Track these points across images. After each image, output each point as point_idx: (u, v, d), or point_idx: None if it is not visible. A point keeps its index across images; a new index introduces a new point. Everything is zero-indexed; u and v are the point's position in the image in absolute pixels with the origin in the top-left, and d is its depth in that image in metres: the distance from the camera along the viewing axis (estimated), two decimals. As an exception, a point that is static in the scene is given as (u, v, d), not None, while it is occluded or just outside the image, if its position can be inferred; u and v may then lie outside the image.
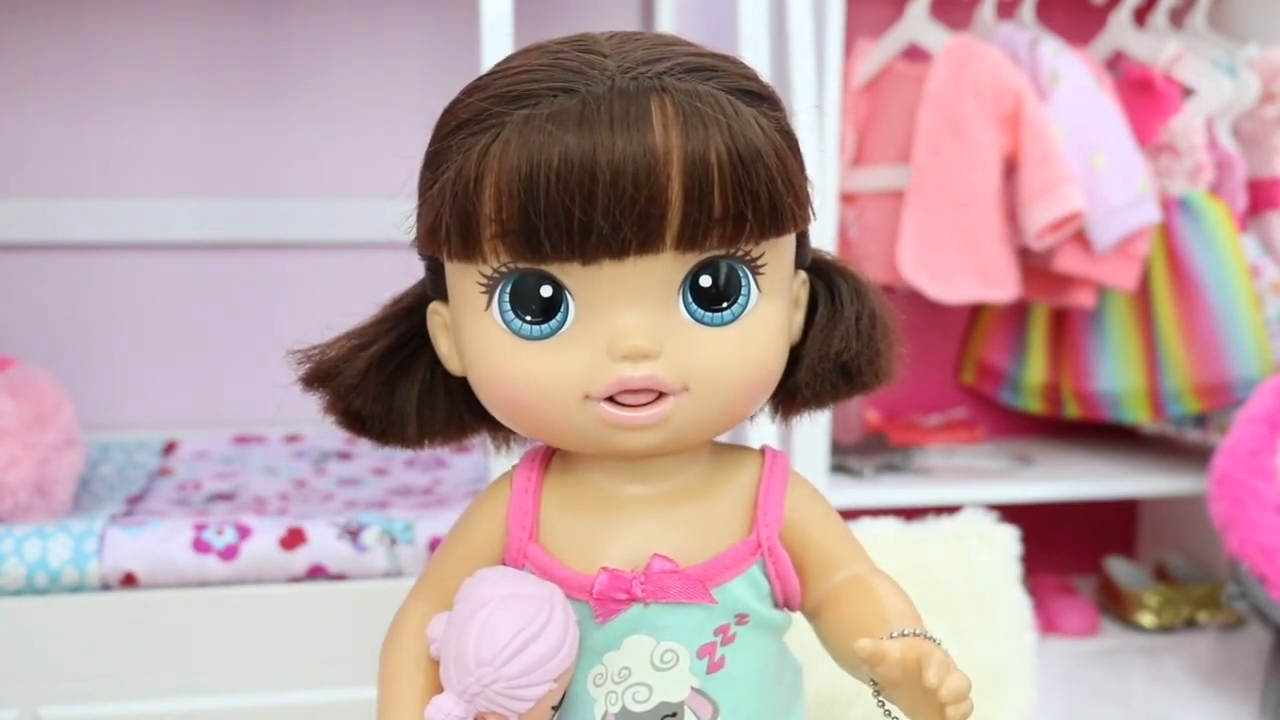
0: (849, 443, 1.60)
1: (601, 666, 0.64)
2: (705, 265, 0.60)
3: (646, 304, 0.59)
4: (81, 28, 1.71)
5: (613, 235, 0.56)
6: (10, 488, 1.23)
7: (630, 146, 0.56)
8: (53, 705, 1.19)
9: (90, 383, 1.71)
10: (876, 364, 0.67)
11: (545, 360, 0.60)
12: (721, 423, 0.63)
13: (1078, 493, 1.58)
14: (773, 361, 0.63)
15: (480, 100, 0.59)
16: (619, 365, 0.59)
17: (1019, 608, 1.19)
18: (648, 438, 0.61)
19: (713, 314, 0.60)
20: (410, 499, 1.44)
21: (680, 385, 0.60)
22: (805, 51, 1.33)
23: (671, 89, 0.57)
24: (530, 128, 0.56)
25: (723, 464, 0.68)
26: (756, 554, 0.65)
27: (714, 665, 0.64)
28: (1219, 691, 1.48)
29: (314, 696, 1.21)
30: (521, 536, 0.66)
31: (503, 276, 0.60)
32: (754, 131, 0.58)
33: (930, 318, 1.73)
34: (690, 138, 0.56)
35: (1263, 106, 1.56)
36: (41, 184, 1.73)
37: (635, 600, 0.63)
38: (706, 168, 0.56)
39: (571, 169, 0.55)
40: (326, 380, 0.67)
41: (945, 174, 1.48)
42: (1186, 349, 1.54)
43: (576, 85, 0.57)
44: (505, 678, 0.58)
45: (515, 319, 0.60)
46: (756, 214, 0.58)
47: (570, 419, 0.61)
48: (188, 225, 1.75)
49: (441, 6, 1.76)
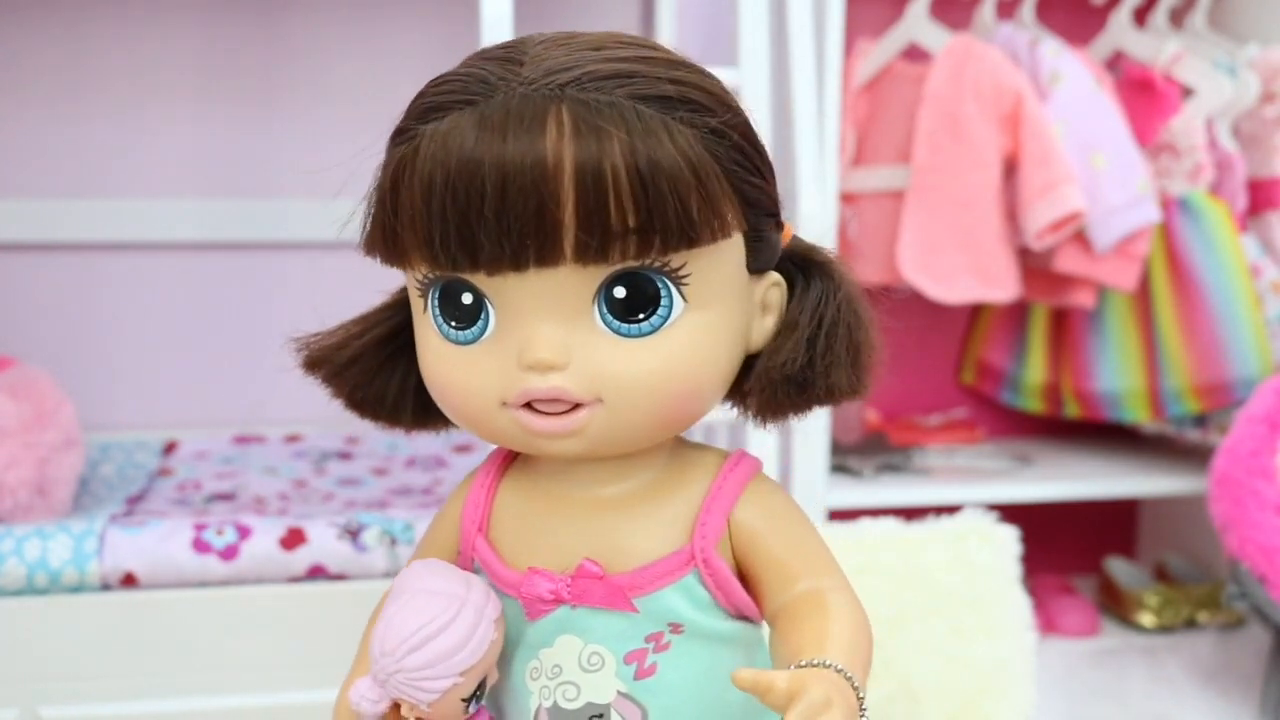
0: (849, 443, 1.60)
1: (537, 661, 0.65)
2: (620, 276, 0.59)
3: (558, 315, 0.59)
4: (82, 29, 1.71)
5: (503, 248, 0.56)
6: (10, 488, 1.23)
7: (519, 156, 0.55)
8: (53, 705, 1.19)
9: (90, 383, 1.71)
10: (830, 377, 0.64)
11: (468, 365, 0.61)
12: (645, 433, 0.62)
13: (1078, 493, 1.58)
14: (703, 373, 0.62)
15: (409, 111, 0.61)
16: (527, 376, 0.59)
17: (1019, 608, 1.19)
18: (567, 445, 0.61)
19: (629, 325, 0.59)
20: (410, 499, 1.44)
21: (591, 396, 0.60)
22: (805, 51, 1.33)
23: (571, 99, 0.57)
24: (433, 142, 0.57)
25: (682, 467, 0.67)
26: (690, 564, 0.64)
27: (643, 671, 0.64)
28: (1219, 691, 1.48)
29: (314, 696, 1.21)
30: (471, 529, 0.68)
31: (431, 282, 0.61)
32: (659, 143, 0.56)
33: (930, 318, 1.73)
34: (582, 149, 0.55)
35: (1263, 106, 1.56)
36: (41, 184, 1.73)
37: (562, 602, 0.64)
38: (600, 180, 0.55)
39: (462, 179, 0.56)
40: (322, 365, 0.69)
41: (945, 174, 1.48)
42: (1186, 349, 1.54)
43: (478, 98, 0.58)
44: (406, 669, 0.60)
45: (444, 323, 0.61)
46: (663, 228, 0.57)
47: (494, 423, 0.62)
48: (188, 226, 1.75)
49: (441, 6, 1.76)
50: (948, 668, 1.14)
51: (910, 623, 1.15)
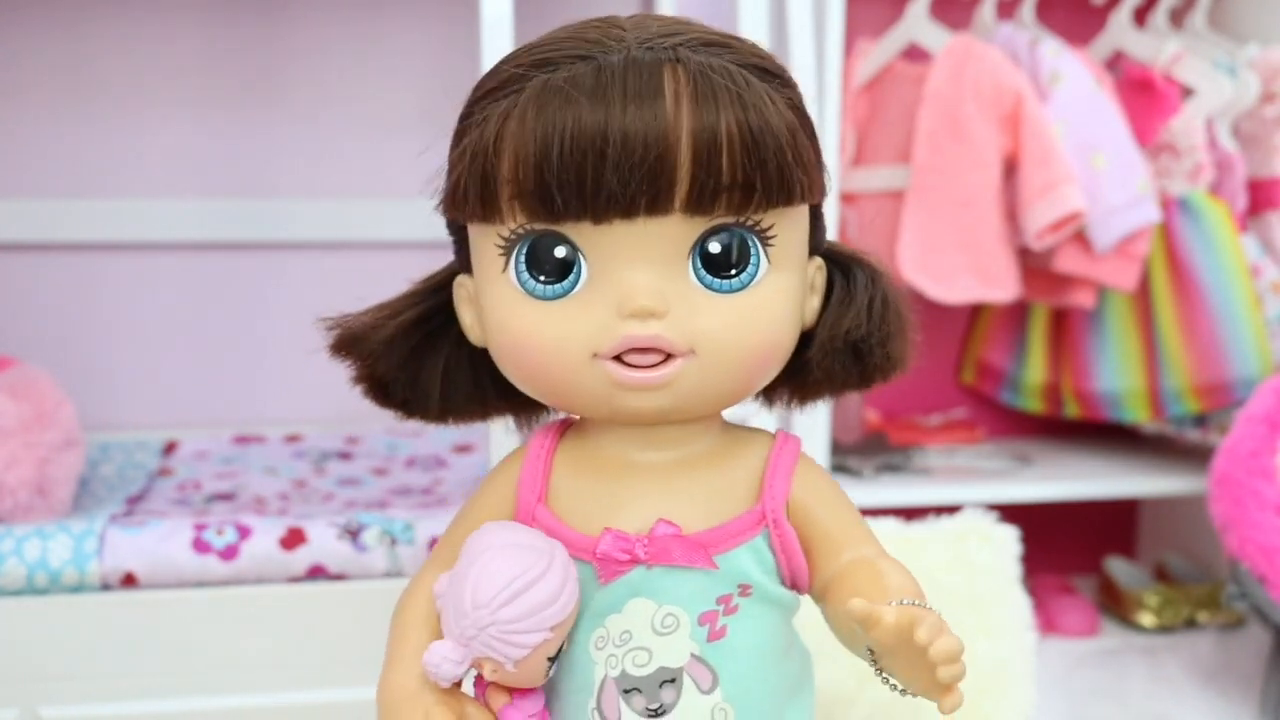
0: (849, 443, 1.60)
1: (603, 629, 0.65)
2: (715, 231, 0.61)
3: (656, 266, 0.61)
4: (82, 29, 1.71)
5: (622, 193, 0.58)
6: (10, 488, 1.23)
7: (641, 113, 0.58)
8: (53, 705, 1.19)
9: (90, 383, 1.71)
10: (888, 347, 0.69)
11: (557, 319, 0.62)
12: (728, 390, 0.65)
13: (1078, 493, 1.58)
14: (781, 332, 0.65)
15: (506, 68, 0.62)
16: (626, 323, 0.61)
17: (1019, 608, 1.19)
18: (654, 399, 0.62)
19: (721, 280, 0.62)
20: (410, 499, 1.44)
21: (687, 347, 0.61)
22: (805, 51, 1.33)
23: (685, 60, 0.59)
24: (547, 92, 0.59)
25: (734, 440, 0.69)
26: (761, 524, 0.66)
27: (715, 633, 0.65)
28: (1219, 691, 1.48)
29: (314, 696, 1.21)
30: (530, 499, 0.68)
31: (519, 238, 0.62)
32: (764, 104, 0.60)
33: (930, 318, 1.73)
34: (701, 106, 0.58)
35: (1263, 106, 1.56)
36: (41, 184, 1.73)
37: (638, 562, 0.64)
38: (715, 135, 0.58)
39: (584, 132, 0.58)
40: (353, 346, 0.69)
41: (945, 174, 1.48)
42: (1186, 349, 1.54)
43: (593, 54, 0.60)
44: (500, 621, 0.59)
45: (530, 279, 0.62)
46: (765, 182, 0.60)
47: (579, 379, 0.62)
48: (188, 225, 1.75)
49: (441, 6, 1.76)
50: (948, 668, 1.14)
51: (910, 623, 1.15)
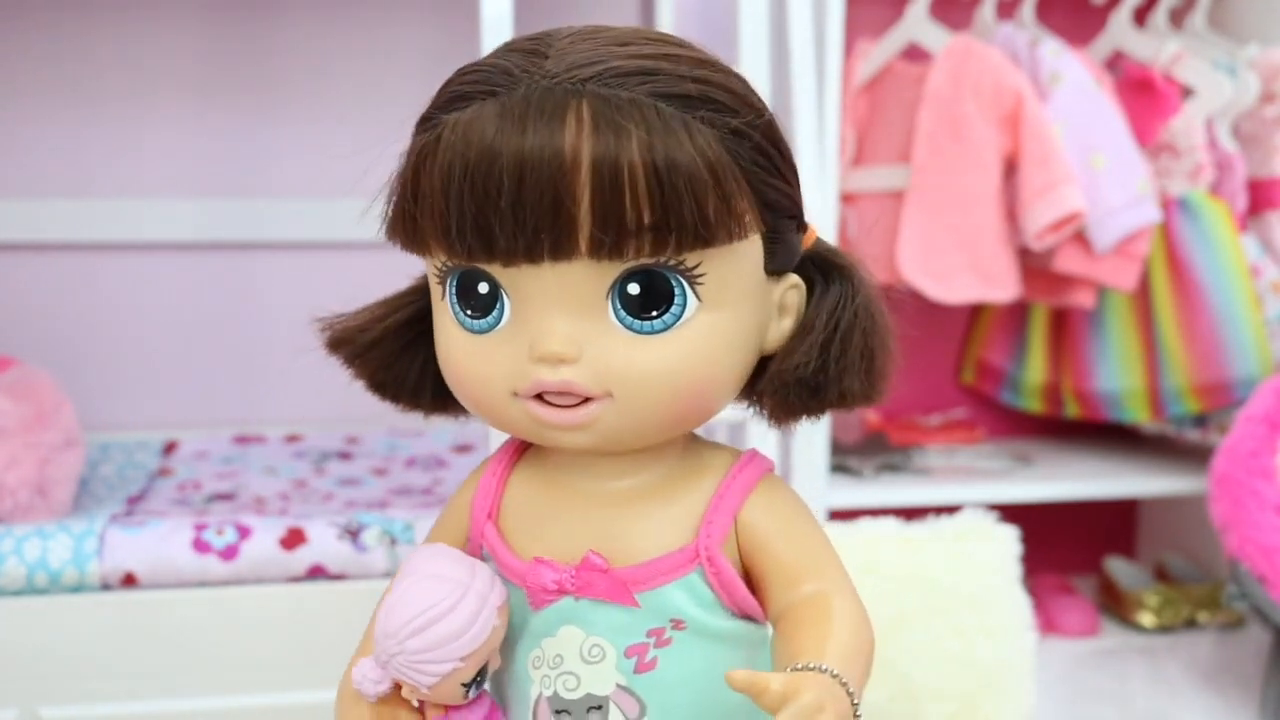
0: (849, 443, 1.60)
1: (539, 650, 0.66)
2: (634, 272, 0.59)
3: (573, 308, 0.59)
4: (81, 29, 1.71)
5: (518, 239, 0.57)
6: (10, 488, 1.23)
7: (536, 148, 0.56)
8: (53, 705, 1.19)
9: (90, 383, 1.71)
10: (842, 383, 0.64)
11: (482, 354, 0.62)
12: (654, 429, 0.62)
13: (1078, 493, 1.58)
14: (714, 372, 0.62)
15: (435, 100, 0.61)
16: (537, 367, 0.60)
17: (1019, 608, 1.19)
18: (577, 438, 0.62)
19: (642, 321, 0.59)
20: (410, 499, 1.44)
21: (601, 390, 0.60)
22: (805, 51, 1.33)
23: (591, 94, 0.56)
24: (455, 132, 0.57)
25: (692, 465, 0.67)
26: (694, 562, 0.64)
27: (643, 665, 0.64)
28: (1219, 691, 1.48)
29: (314, 696, 1.21)
30: (481, 518, 0.68)
31: (450, 270, 0.61)
32: (677, 142, 0.56)
33: (930, 318, 1.73)
34: (601, 144, 0.55)
35: (1263, 106, 1.56)
36: (41, 184, 1.73)
37: (566, 593, 0.64)
38: (616, 175, 0.55)
39: (481, 170, 0.56)
40: (344, 345, 0.70)
41: (945, 174, 1.48)
42: (1186, 349, 1.54)
43: (502, 89, 0.58)
44: (407, 651, 0.61)
45: (460, 311, 0.62)
46: (679, 227, 0.56)
47: (506, 413, 0.62)
48: (188, 226, 1.75)
49: (441, 6, 1.76)
50: (948, 668, 1.14)
51: (910, 623, 1.15)
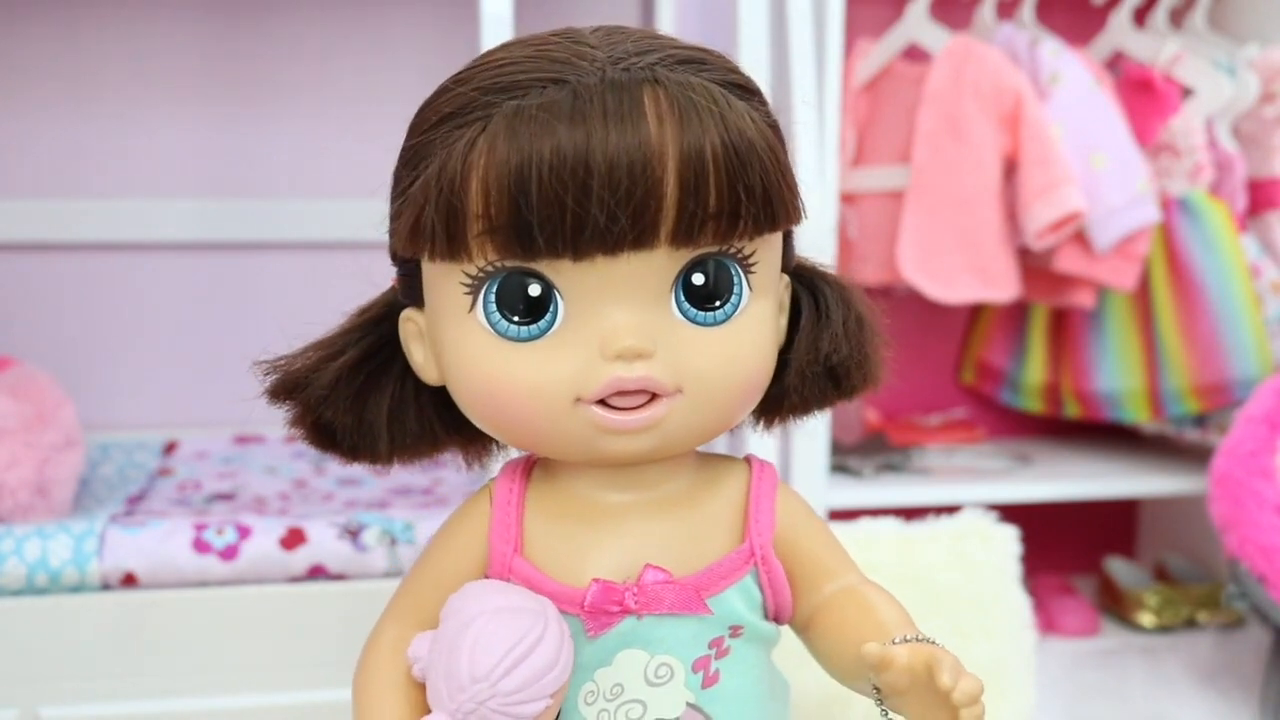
0: (849, 443, 1.59)
1: (593, 684, 0.62)
2: (697, 263, 0.58)
3: (639, 302, 0.57)
4: (81, 28, 1.71)
5: (607, 229, 0.54)
6: (10, 488, 1.23)
7: (625, 139, 0.54)
8: (53, 705, 1.19)
9: (90, 383, 1.71)
10: (865, 367, 0.66)
11: (534, 362, 0.58)
12: (712, 427, 0.61)
13: (1078, 493, 1.58)
14: (764, 363, 0.62)
15: (465, 91, 0.57)
16: (612, 365, 0.57)
17: (1019, 608, 1.19)
18: (639, 442, 0.59)
19: (705, 313, 0.58)
20: (410, 499, 1.44)
21: (674, 386, 0.58)
22: (805, 51, 1.32)
23: (665, 80, 0.55)
24: (520, 120, 0.54)
25: (709, 473, 0.66)
26: (750, 562, 0.63)
27: (709, 679, 0.62)
28: (1219, 691, 1.48)
29: (314, 696, 1.21)
30: (505, 550, 0.64)
31: (488, 276, 0.57)
32: (747, 124, 0.56)
33: (930, 318, 1.73)
34: (686, 130, 0.55)
35: (1262, 106, 1.56)
36: (41, 184, 1.73)
37: (628, 612, 0.61)
38: (702, 161, 0.55)
39: (565, 162, 0.53)
40: (295, 392, 0.65)
41: (945, 174, 1.48)
42: (1186, 349, 1.54)
43: (566, 76, 0.55)
44: (502, 693, 0.56)
45: (501, 320, 0.58)
46: (751, 208, 0.56)
47: (559, 424, 0.58)
48: (188, 225, 1.75)
49: (441, 6, 1.76)
50: (948, 668, 1.14)
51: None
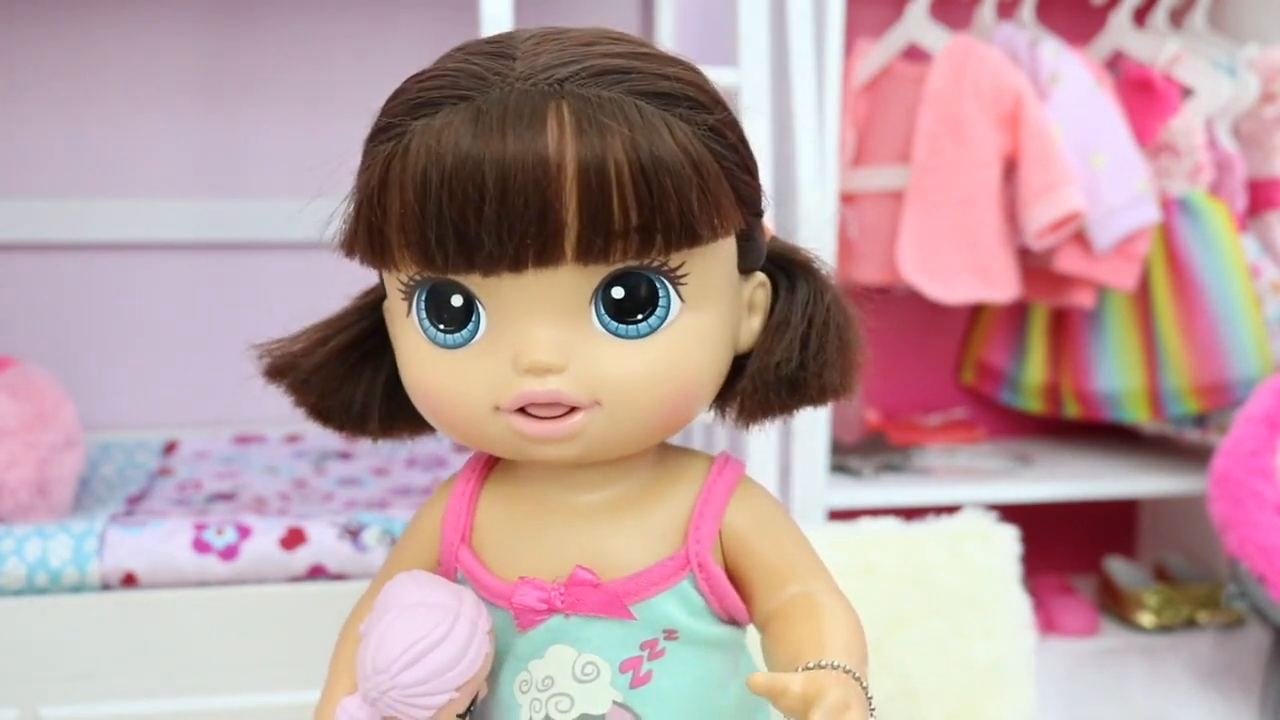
0: (849, 443, 1.60)
1: (526, 673, 0.63)
2: (618, 276, 0.57)
3: (555, 316, 0.57)
4: (81, 29, 1.71)
5: (502, 248, 0.55)
6: (10, 488, 1.23)
7: (520, 154, 0.54)
8: (53, 705, 1.19)
9: (90, 383, 1.71)
10: (823, 377, 0.64)
11: (458, 369, 0.59)
12: (640, 436, 0.61)
13: (1078, 493, 1.58)
14: (699, 374, 0.61)
15: (392, 107, 0.59)
16: (523, 379, 0.58)
17: (1019, 607, 1.19)
18: (563, 450, 0.60)
19: (627, 326, 0.58)
20: (410, 499, 1.44)
21: (590, 399, 0.58)
22: (805, 51, 1.33)
23: (570, 95, 0.55)
24: (426, 137, 0.55)
25: (668, 472, 0.66)
26: (685, 569, 0.63)
27: (638, 680, 0.62)
28: (1219, 691, 1.48)
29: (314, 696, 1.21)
30: (454, 539, 0.66)
31: (417, 284, 0.59)
32: (660, 139, 0.55)
33: (930, 318, 1.73)
34: (585, 146, 0.54)
35: (1262, 106, 1.56)
36: (41, 184, 1.73)
37: (555, 611, 0.62)
38: (603, 177, 0.54)
39: (460, 178, 0.54)
40: (285, 373, 0.67)
41: (945, 174, 1.48)
42: (1186, 349, 1.54)
43: (473, 93, 0.56)
44: (400, 685, 0.58)
45: (431, 327, 0.59)
46: (665, 226, 0.55)
47: (485, 429, 0.60)
48: (188, 225, 1.75)
49: (441, 7, 1.76)
50: (948, 668, 1.14)
51: (910, 623, 1.15)
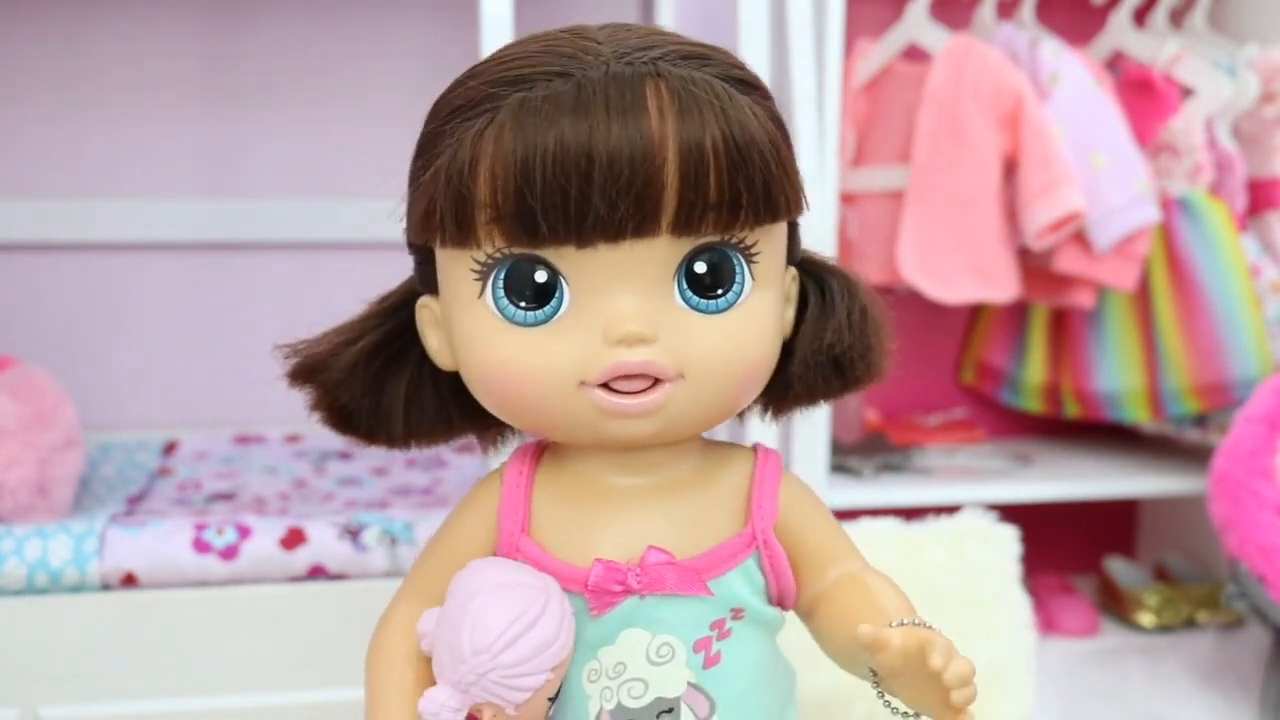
0: (849, 443, 1.59)
1: (596, 662, 0.64)
2: (700, 252, 0.60)
3: (642, 289, 0.59)
4: (81, 29, 1.71)
5: (609, 217, 0.57)
6: (10, 488, 1.23)
7: (626, 131, 0.56)
8: (53, 705, 1.19)
9: (90, 383, 1.71)
10: (869, 358, 0.68)
11: (539, 346, 0.60)
12: (715, 413, 0.63)
13: (1078, 493, 1.58)
14: (766, 351, 0.63)
15: (475, 85, 0.59)
16: (615, 350, 0.59)
17: (1019, 607, 1.19)
18: (642, 425, 0.61)
19: (707, 301, 0.60)
20: (410, 499, 1.44)
21: (676, 372, 0.60)
22: (805, 51, 1.33)
23: (667, 74, 0.58)
24: (525, 111, 0.57)
25: (715, 459, 0.68)
26: (752, 546, 0.65)
27: (710, 660, 0.64)
28: (1219, 691, 1.48)
29: (314, 696, 1.21)
30: (513, 530, 0.66)
31: (496, 262, 0.59)
32: (748, 118, 0.58)
33: (930, 318, 1.73)
34: (686, 123, 0.57)
35: (1262, 106, 1.56)
36: (41, 184, 1.73)
37: (631, 592, 0.63)
38: (702, 153, 0.57)
39: (568, 152, 0.56)
40: (314, 375, 0.67)
41: (945, 174, 1.48)
42: (1186, 349, 1.54)
43: (571, 69, 0.58)
44: (501, 665, 0.58)
45: (509, 305, 0.60)
46: (751, 199, 0.58)
47: (565, 406, 0.61)
48: (188, 225, 1.75)
49: (441, 6, 1.76)
50: (948, 668, 1.14)
51: (910, 623, 1.15)
